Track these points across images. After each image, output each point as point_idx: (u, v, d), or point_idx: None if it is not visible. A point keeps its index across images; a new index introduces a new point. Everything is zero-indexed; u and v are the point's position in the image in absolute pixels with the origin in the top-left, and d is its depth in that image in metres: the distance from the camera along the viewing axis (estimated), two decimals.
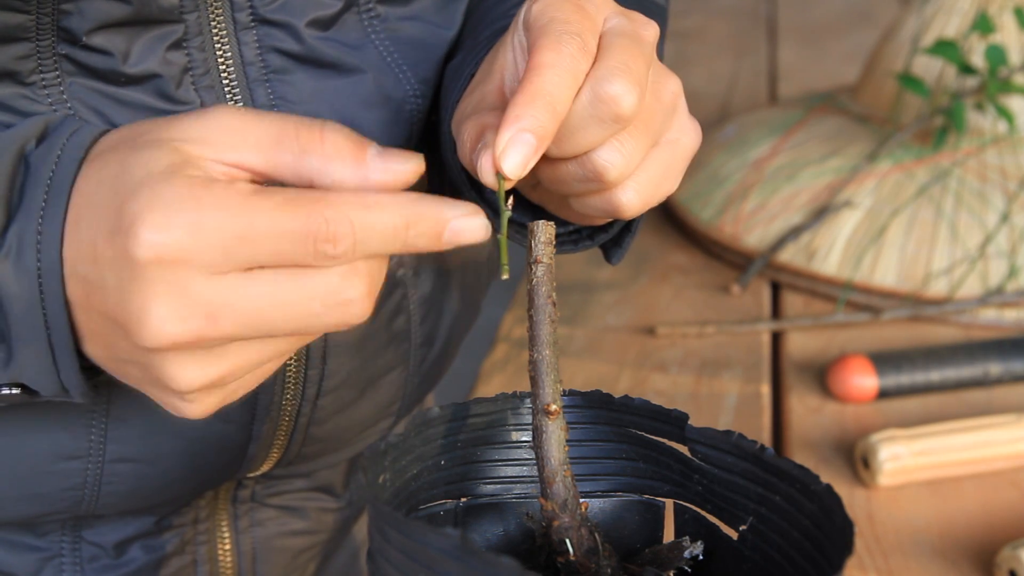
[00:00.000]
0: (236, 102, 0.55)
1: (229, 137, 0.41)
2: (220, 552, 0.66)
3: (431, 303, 0.66)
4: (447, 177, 0.60)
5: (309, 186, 0.41)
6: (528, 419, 0.51)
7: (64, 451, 0.56)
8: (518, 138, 0.44)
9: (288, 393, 0.60)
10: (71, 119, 0.46)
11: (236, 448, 0.60)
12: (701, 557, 0.48)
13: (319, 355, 0.60)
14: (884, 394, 0.81)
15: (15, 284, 0.43)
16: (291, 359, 0.59)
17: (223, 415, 0.52)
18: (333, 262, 0.40)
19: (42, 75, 0.51)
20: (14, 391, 0.46)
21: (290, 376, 0.60)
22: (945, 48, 0.96)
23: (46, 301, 0.43)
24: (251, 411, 0.59)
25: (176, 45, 0.53)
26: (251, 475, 0.64)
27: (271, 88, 0.56)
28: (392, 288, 0.62)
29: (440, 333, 0.68)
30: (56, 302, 0.43)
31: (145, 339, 0.40)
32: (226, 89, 0.55)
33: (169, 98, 0.53)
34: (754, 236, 0.99)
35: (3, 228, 0.43)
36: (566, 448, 0.47)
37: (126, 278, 0.40)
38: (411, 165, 0.42)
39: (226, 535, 0.66)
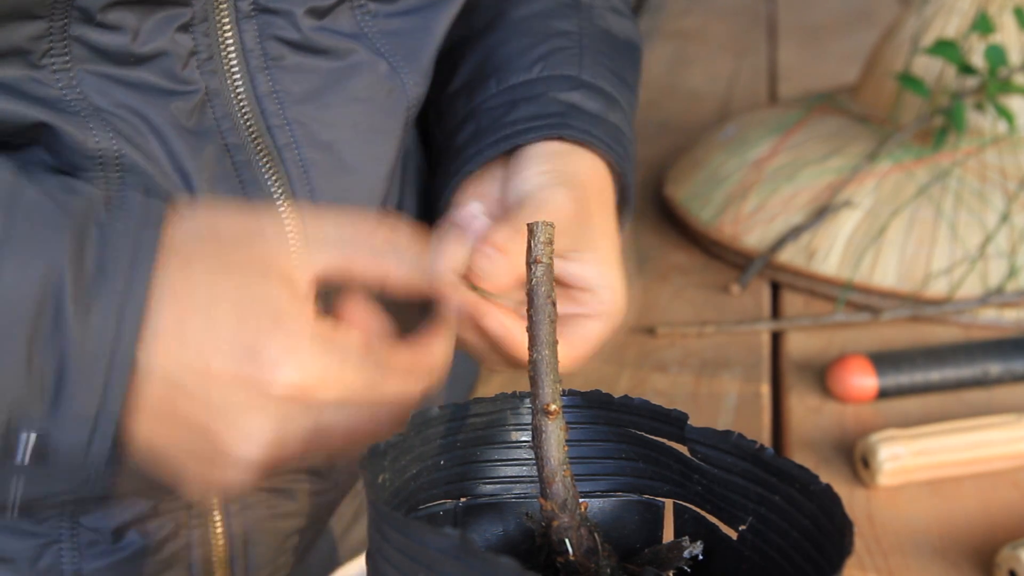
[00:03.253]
0: (238, 89, 0.57)
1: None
2: (212, 535, 0.67)
3: None
4: (432, 152, 0.67)
5: (383, 274, 0.51)
6: (528, 419, 0.51)
7: None
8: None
9: None
10: (130, 203, 0.48)
11: None
12: (701, 557, 0.48)
13: None
14: (884, 394, 0.81)
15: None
16: None
17: None
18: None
19: (52, 59, 0.52)
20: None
21: None
22: (945, 48, 0.96)
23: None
24: None
25: (184, 28, 0.54)
26: None
27: (270, 76, 0.57)
28: None
29: None
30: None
31: (239, 451, 0.46)
32: (226, 76, 0.56)
33: (175, 78, 0.55)
34: (754, 236, 0.99)
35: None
36: (565, 448, 0.47)
37: (242, 401, 0.46)
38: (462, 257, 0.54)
39: (217, 518, 0.67)
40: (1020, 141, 0.99)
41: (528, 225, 0.48)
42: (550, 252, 0.47)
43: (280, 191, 0.58)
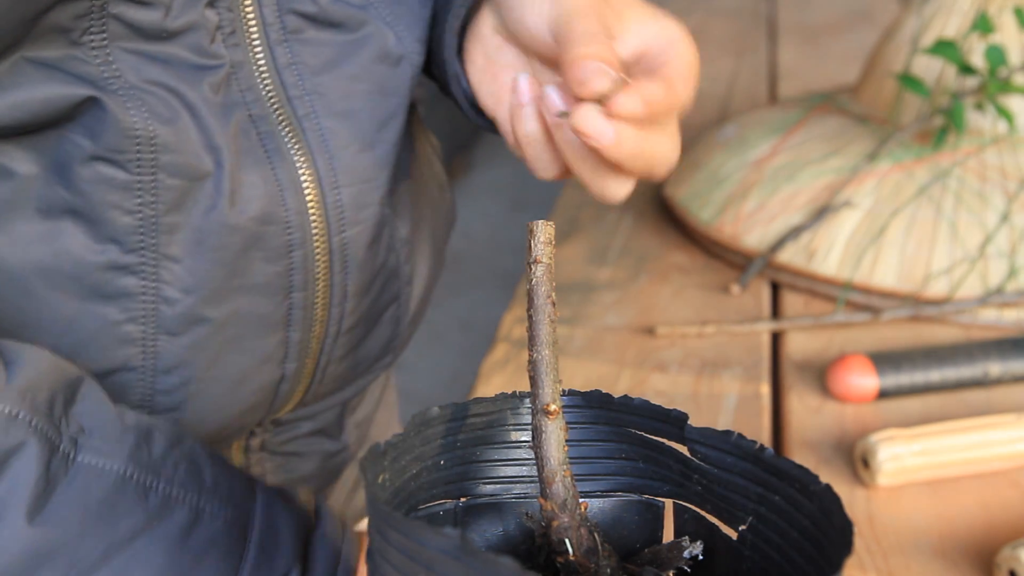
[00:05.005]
0: (259, 61, 0.59)
1: None
2: None
3: (410, 244, 0.70)
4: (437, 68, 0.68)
5: None
6: (528, 419, 0.51)
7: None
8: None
9: (315, 331, 0.64)
10: None
11: (269, 388, 0.64)
12: (701, 557, 0.48)
13: (340, 294, 0.64)
14: (884, 394, 0.81)
15: None
16: (317, 298, 0.63)
17: (261, 354, 0.61)
18: None
19: (91, 36, 0.53)
20: None
21: (318, 315, 0.63)
22: (945, 48, 0.96)
23: None
24: (284, 348, 0.63)
25: (211, 3, 0.57)
26: (272, 417, 0.68)
27: (289, 48, 0.60)
28: (381, 226, 0.66)
29: (419, 274, 0.72)
30: None
31: None
32: (249, 48, 0.59)
33: (204, 52, 0.57)
34: (754, 236, 0.99)
35: None
36: (565, 448, 0.47)
37: None
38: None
39: None
40: (1020, 141, 0.99)
41: (528, 225, 0.48)
42: (550, 252, 0.47)
43: (302, 160, 0.60)
